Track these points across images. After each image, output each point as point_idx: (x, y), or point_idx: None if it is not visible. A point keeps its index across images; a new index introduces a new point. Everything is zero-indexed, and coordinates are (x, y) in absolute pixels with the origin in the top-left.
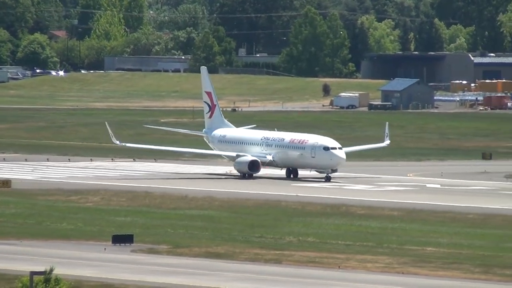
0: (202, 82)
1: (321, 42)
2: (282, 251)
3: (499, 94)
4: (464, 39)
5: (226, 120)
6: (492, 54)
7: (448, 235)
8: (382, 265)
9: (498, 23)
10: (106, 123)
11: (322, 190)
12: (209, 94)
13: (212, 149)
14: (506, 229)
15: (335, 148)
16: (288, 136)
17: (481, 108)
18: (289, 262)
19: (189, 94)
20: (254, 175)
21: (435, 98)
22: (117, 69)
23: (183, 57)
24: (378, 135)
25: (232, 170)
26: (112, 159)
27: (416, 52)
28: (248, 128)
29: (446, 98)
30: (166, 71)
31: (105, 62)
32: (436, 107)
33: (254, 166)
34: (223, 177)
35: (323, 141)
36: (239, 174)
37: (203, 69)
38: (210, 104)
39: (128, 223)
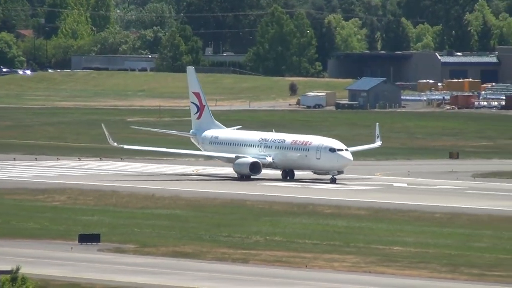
0: (188, 82)
1: (288, 41)
2: (249, 250)
3: (466, 93)
4: (431, 38)
5: (216, 121)
6: (459, 53)
7: (414, 234)
8: (349, 264)
9: (465, 22)
10: (102, 125)
11: (289, 189)
12: (197, 94)
13: (201, 151)
14: (472, 228)
15: (341, 150)
16: (289, 137)
17: (448, 108)
18: (256, 261)
19: (155, 93)
20: (254, 176)
21: (402, 97)
22: (84, 68)
23: (149, 56)
24: (345, 135)
25: (198, 169)
26: (79, 158)
27: (383, 51)
28: (235, 129)
29: (413, 97)
30: (133, 70)
31: (72, 61)
32: (403, 107)
33: (255, 167)
34: (209, 178)
35: (328, 142)
36: (237, 175)
37: (190, 69)
38: (199, 105)
39: (94, 222)
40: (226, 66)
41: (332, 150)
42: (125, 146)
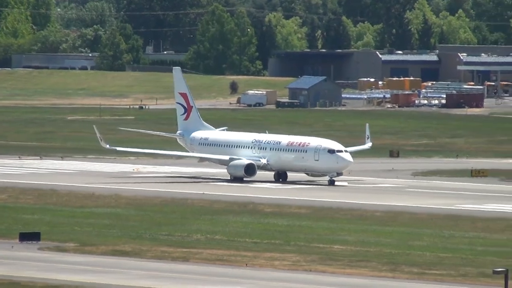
0: (174, 83)
1: (228, 40)
2: (189, 249)
3: (406, 92)
4: (371, 37)
5: (205, 122)
6: (399, 52)
7: (355, 232)
8: (290, 262)
9: (406, 21)
10: (94, 126)
11: (229, 188)
12: (183, 95)
13: (187, 152)
14: (413, 227)
15: (340, 151)
16: (285, 138)
17: (389, 106)
18: (197, 260)
19: (96, 92)
20: (248, 179)
21: (342, 95)
22: (24, 67)
23: (90, 55)
24: (285, 133)
25: (138, 168)
26: (19, 157)
27: (324, 50)
28: (221, 130)
29: (353, 95)
30: (73, 68)
31: (12, 60)
32: (344, 105)
33: (250, 169)
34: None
35: (327, 143)
36: (231, 177)
37: (176, 69)
38: (186, 106)
39: (35, 221)
40: (166, 65)
41: (331, 151)
42: (118, 148)
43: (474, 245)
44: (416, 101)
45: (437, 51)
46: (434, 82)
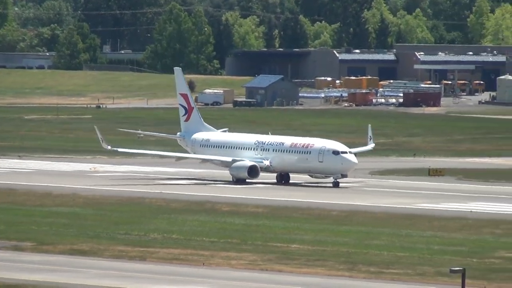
0: (176, 84)
1: (185, 39)
2: (146, 248)
3: (363, 91)
4: (329, 36)
5: (206, 123)
6: (357, 51)
7: (312, 232)
8: (247, 262)
9: (363, 20)
10: (95, 127)
11: (186, 187)
12: (184, 96)
13: (189, 153)
14: (370, 226)
15: (345, 152)
16: (288, 139)
17: (346, 105)
18: (154, 259)
19: (53, 91)
20: (251, 180)
21: (299, 94)
22: None
23: (47, 54)
24: (244, 132)
25: (96, 167)
26: None
27: (281, 49)
28: (223, 131)
29: (311, 94)
30: (31, 68)
31: None
32: (301, 104)
33: (253, 171)
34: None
35: (331, 145)
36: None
37: (178, 70)
38: (187, 107)
39: None
40: (124, 64)
41: (336, 152)
42: (119, 149)
43: (431, 244)
44: (374, 100)
45: (395, 50)
46: (391, 81)
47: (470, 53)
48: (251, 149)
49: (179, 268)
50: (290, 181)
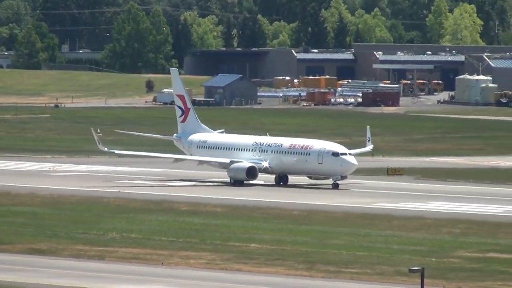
0: (173, 85)
1: (144, 38)
2: (105, 247)
3: (322, 90)
4: (287, 35)
5: (203, 124)
6: (315, 50)
7: (271, 231)
8: (205, 261)
9: (321, 19)
10: (91, 129)
11: (145, 187)
12: (181, 97)
13: (185, 155)
14: (329, 226)
15: (345, 154)
16: (286, 141)
17: (305, 104)
18: (112, 258)
19: (12, 90)
20: (249, 182)
21: (258, 94)
22: None
23: (5, 53)
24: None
25: (55, 166)
26: None
27: (240, 48)
28: (219, 132)
29: (269, 94)
30: None
31: None
32: (259, 103)
33: (251, 172)
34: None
35: (331, 146)
36: (230, 179)
37: (174, 71)
38: (183, 108)
39: None
40: (82, 63)
41: (335, 154)
42: (116, 151)
43: (390, 243)
44: (332, 100)
45: (353, 49)
46: (350, 81)
47: (429, 52)
48: (249, 151)
49: (138, 267)
50: (289, 183)
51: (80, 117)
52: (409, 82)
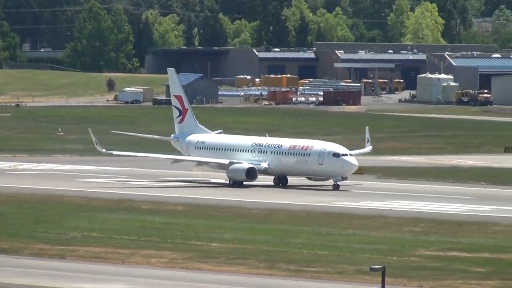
0: (170, 85)
1: (105, 37)
2: (66, 246)
3: (283, 89)
4: (248, 34)
5: (200, 125)
6: (276, 49)
7: (232, 230)
8: (167, 260)
9: (283, 18)
10: (89, 129)
11: (106, 185)
12: (178, 97)
13: (183, 156)
14: (290, 224)
15: (346, 155)
16: (286, 142)
17: (266, 103)
18: (74, 257)
19: None
20: (249, 183)
21: (219, 93)
22: None
23: None
24: (163, 130)
25: (16, 165)
26: None
27: (201, 47)
28: (217, 133)
29: (230, 93)
30: None
31: None
32: (221, 102)
33: (251, 174)
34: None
35: (331, 147)
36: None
37: (171, 71)
38: (181, 108)
39: None
40: (43, 62)
41: (336, 155)
42: (114, 152)
43: (351, 242)
44: (294, 99)
45: (314, 48)
46: (311, 80)
47: (390, 51)
48: (248, 151)
49: (99, 266)
50: (288, 184)
51: (41, 116)
52: (370, 81)
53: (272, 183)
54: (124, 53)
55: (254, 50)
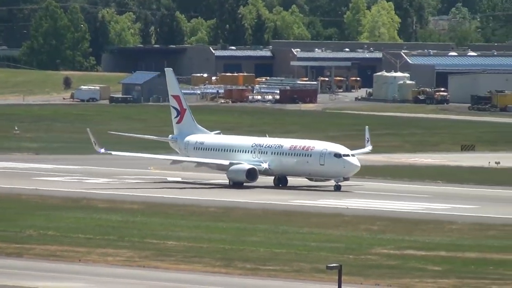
0: (168, 85)
1: (62, 35)
2: (22, 244)
3: (240, 87)
4: (205, 32)
5: (199, 126)
6: (233, 47)
7: (189, 228)
8: (123, 258)
9: (239, 16)
10: (88, 129)
11: (63, 184)
12: (177, 97)
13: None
14: (247, 223)
15: (347, 155)
16: (287, 142)
17: (222, 101)
18: (30, 255)
19: None
20: (249, 184)
21: None
22: None
23: None
24: (119, 128)
25: None
26: None
27: (157, 45)
28: (216, 134)
29: (187, 91)
30: None
31: None
32: None
33: (251, 174)
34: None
35: (333, 147)
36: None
37: (169, 70)
38: (179, 108)
39: None
40: (0, 60)
41: (338, 155)
42: (113, 153)
43: (308, 240)
44: (250, 97)
45: (271, 46)
46: (267, 78)
47: (347, 49)
48: (248, 152)
49: (55, 264)
50: (288, 185)
51: None
52: (327, 79)
53: (271, 184)
54: (80, 51)
55: (211, 48)
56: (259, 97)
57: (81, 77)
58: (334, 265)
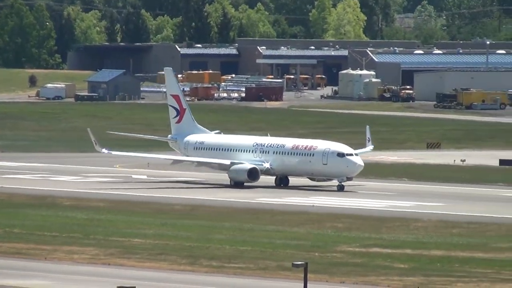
0: (166, 85)
1: (27, 33)
2: None
3: (205, 85)
4: (171, 30)
5: (199, 125)
6: (199, 45)
7: (154, 226)
8: (89, 256)
9: (205, 14)
10: (88, 129)
11: (28, 181)
12: (176, 97)
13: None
14: (212, 220)
15: (351, 155)
16: (289, 141)
17: (188, 99)
18: None
19: None
20: (250, 184)
21: (141, 89)
22: None
23: None
24: (85, 126)
25: None
26: None
27: (123, 43)
28: (216, 133)
29: (152, 89)
30: None
31: None
32: (143, 98)
33: (253, 174)
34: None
35: (336, 146)
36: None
37: (168, 70)
38: (178, 108)
39: None
40: None
41: (341, 155)
42: (114, 152)
43: (274, 238)
44: (216, 95)
45: (237, 44)
46: (233, 76)
47: (312, 47)
48: (249, 152)
49: (21, 262)
50: (290, 184)
51: None
52: (292, 77)
53: (273, 183)
54: (46, 49)
55: (177, 46)
56: (224, 94)
57: (46, 75)
58: (300, 262)
